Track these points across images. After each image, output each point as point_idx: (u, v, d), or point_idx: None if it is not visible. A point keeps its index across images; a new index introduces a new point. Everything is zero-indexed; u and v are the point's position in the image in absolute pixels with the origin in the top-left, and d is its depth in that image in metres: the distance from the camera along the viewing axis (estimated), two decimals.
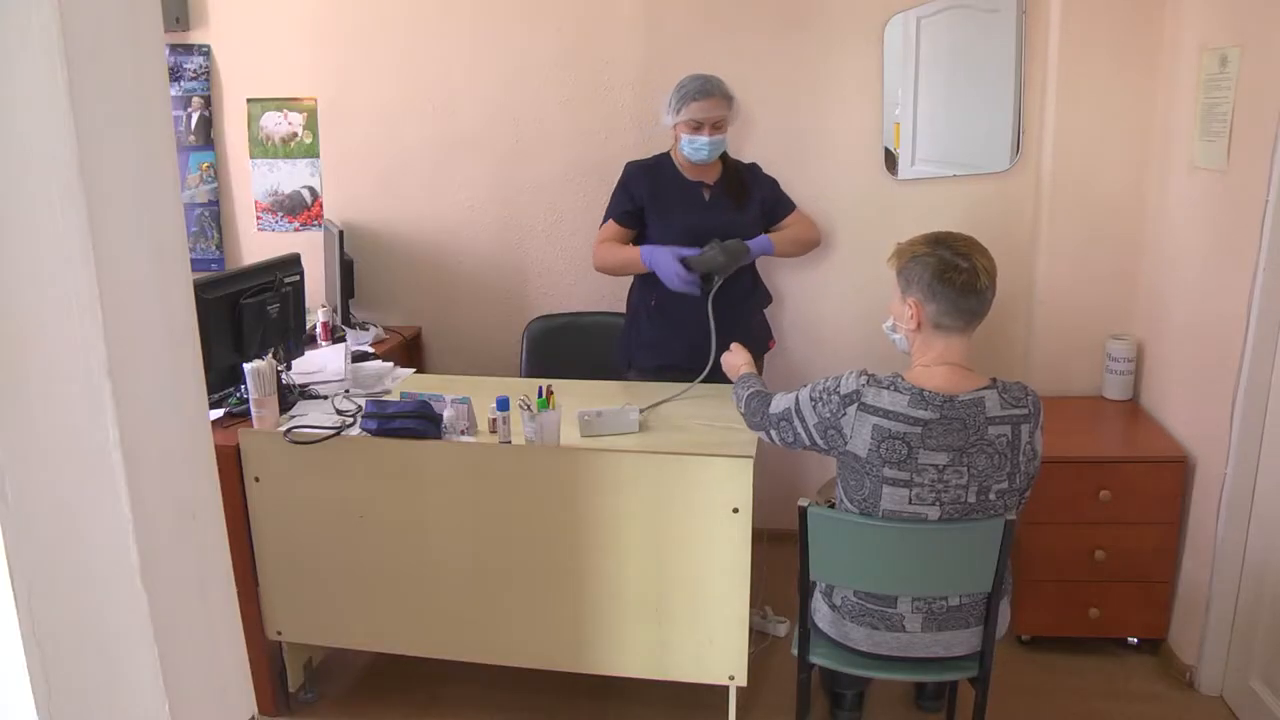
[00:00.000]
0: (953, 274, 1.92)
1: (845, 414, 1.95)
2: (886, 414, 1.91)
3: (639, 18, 3.23)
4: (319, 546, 2.41)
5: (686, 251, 2.67)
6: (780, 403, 2.12)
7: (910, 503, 1.93)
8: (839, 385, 1.98)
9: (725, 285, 2.72)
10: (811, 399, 2.02)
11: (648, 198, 2.80)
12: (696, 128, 2.70)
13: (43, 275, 0.76)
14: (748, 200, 2.85)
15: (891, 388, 1.93)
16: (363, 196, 3.54)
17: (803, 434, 2.05)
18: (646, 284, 2.86)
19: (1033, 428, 1.97)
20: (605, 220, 2.87)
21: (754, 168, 2.95)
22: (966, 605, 2.01)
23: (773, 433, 2.14)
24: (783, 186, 2.96)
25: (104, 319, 0.81)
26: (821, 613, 2.10)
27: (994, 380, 1.96)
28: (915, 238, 2.02)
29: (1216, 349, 2.49)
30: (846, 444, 1.96)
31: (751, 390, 2.25)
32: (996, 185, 3.16)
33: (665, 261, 2.67)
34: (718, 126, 2.71)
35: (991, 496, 1.94)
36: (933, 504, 1.93)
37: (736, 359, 2.46)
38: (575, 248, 3.43)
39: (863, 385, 1.95)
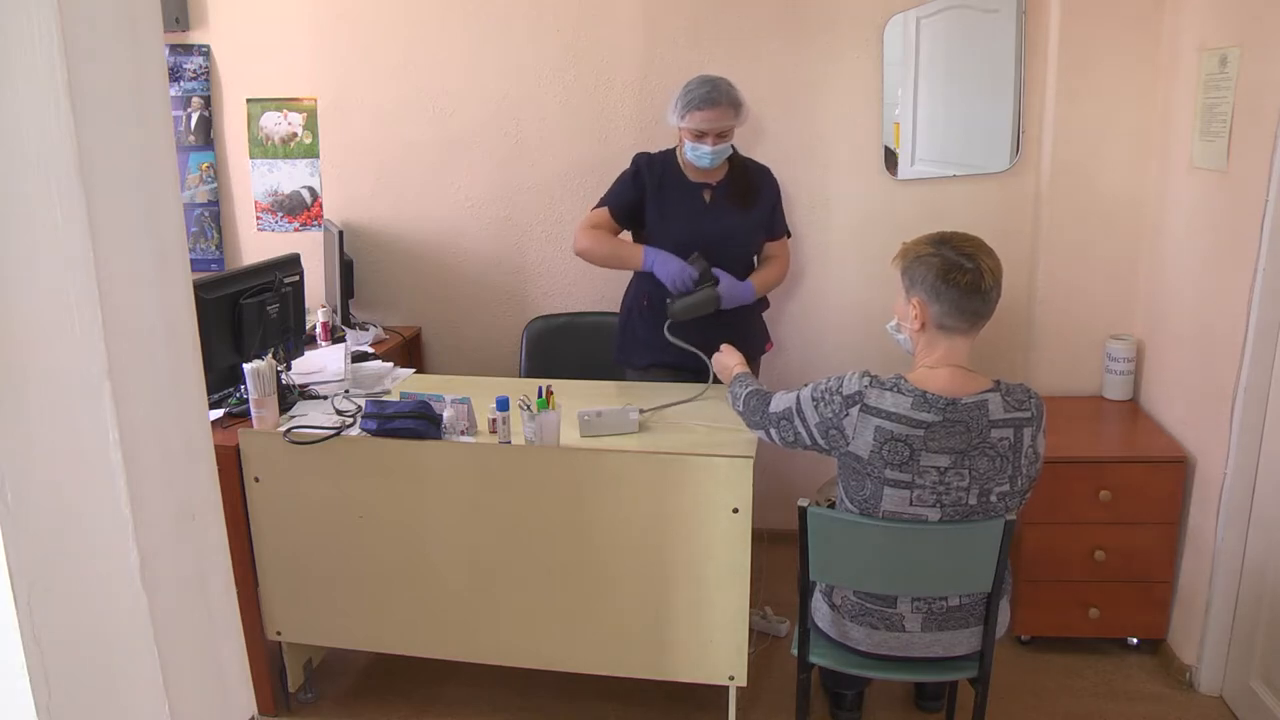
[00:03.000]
0: (957, 274, 1.91)
1: (848, 415, 1.95)
2: (889, 416, 1.91)
3: (639, 18, 3.23)
4: (319, 546, 2.41)
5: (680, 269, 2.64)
6: (780, 402, 2.11)
7: (911, 504, 1.93)
8: (841, 386, 1.98)
9: None
10: (813, 398, 2.02)
11: (653, 190, 2.75)
12: (700, 135, 2.62)
13: (43, 275, 0.76)
14: (755, 202, 2.78)
15: (894, 390, 1.92)
16: (363, 196, 3.54)
17: (803, 433, 2.04)
18: (641, 283, 2.85)
19: (1035, 430, 1.96)
20: (600, 206, 2.78)
21: (765, 171, 2.87)
22: (966, 605, 2.01)
23: (772, 431, 2.13)
24: (783, 185, 2.94)
25: (104, 319, 0.81)
26: (821, 613, 2.10)
27: (997, 382, 1.96)
28: (920, 237, 2.01)
29: (1216, 349, 2.49)
30: (848, 445, 1.96)
31: (750, 389, 2.24)
32: (996, 185, 3.16)
33: (673, 266, 2.63)
34: (722, 135, 2.63)
35: (992, 499, 1.94)
36: (933, 505, 1.93)
37: (728, 359, 2.45)
38: None
39: (865, 387, 1.94)
